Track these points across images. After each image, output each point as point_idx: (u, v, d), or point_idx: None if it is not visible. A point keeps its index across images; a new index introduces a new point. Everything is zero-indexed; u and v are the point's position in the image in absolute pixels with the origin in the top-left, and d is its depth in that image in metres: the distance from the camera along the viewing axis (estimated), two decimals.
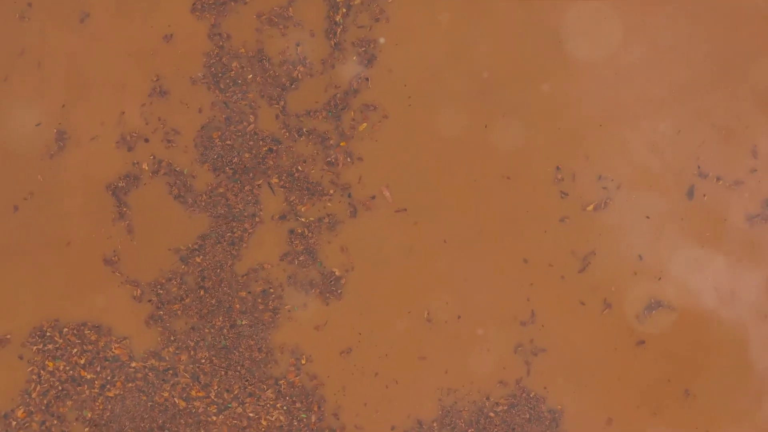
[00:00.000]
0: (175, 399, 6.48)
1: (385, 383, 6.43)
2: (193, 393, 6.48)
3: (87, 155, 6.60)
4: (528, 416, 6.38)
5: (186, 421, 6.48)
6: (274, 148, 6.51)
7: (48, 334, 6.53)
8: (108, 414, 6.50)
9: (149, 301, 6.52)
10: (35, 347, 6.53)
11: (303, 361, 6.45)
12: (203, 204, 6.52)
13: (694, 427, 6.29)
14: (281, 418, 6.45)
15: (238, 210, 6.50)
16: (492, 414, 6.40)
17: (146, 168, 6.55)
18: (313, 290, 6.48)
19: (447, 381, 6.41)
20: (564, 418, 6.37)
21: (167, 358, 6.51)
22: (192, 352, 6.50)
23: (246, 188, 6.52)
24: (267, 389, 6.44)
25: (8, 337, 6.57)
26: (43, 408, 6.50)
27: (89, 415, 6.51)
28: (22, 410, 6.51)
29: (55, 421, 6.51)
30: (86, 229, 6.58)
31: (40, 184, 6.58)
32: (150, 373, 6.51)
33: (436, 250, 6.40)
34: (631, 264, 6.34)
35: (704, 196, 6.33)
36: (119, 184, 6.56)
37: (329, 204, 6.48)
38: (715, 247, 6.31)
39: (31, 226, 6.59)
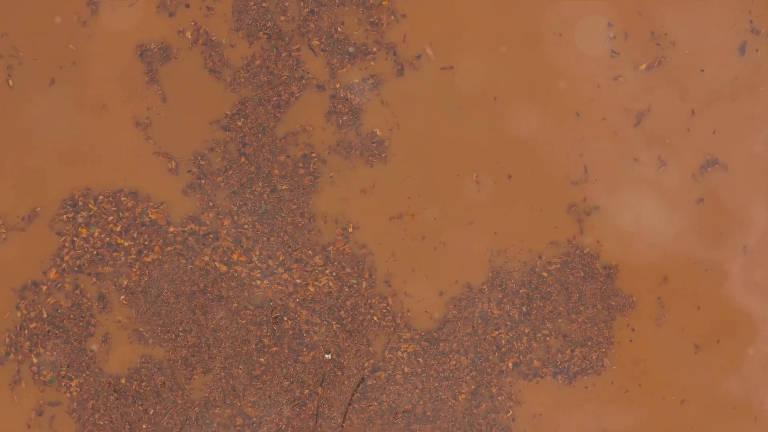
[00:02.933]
0: (216, 263, 6.25)
1: (434, 246, 6.23)
2: (235, 257, 6.24)
3: (124, 21, 6.40)
4: (582, 274, 6.20)
5: (228, 285, 6.24)
6: (316, 9, 6.34)
7: (80, 203, 6.29)
8: (146, 280, 6.25)
9: (189, 171, 6.30)
10: (66, 216, 6.28)
11: (350, 230, 6.25)
12: (242, 80, 6.32)
13: (751, 280, 6.14)
14: (330, 284, 6.23)
15: (284, 76, 6.31)
16: (545, 273, 6.22)
17: (189, 36, 6.36)
18: (357, 153, 6.29)
19: (497, 243, 6.23)
20: (619, 275, 6.19)
21: (207, 223, 6.28)
22: (235, 217, 6.27)
23: (283, 54, 6.34)
24: (314, 255, 6.22)
25: (38, 210, 6.32)
26: (76, 269, 6.24)
27: (125, 283, 6.25)
28: (54, 271, 6.25)
29: (93, 280, 6.25)
30: (121, 94, 6.36)
31: (76, 53, 6.37)
32: (190, 238, 6.27)
33: (485, 109, 6.24)
34: (684, 120, 6.21)
35: (757, 50, 6.22)
36: (154, 53, 6.35)
37: (373, 63, 6.31)
38: None
39: (67, 96, 6.36)
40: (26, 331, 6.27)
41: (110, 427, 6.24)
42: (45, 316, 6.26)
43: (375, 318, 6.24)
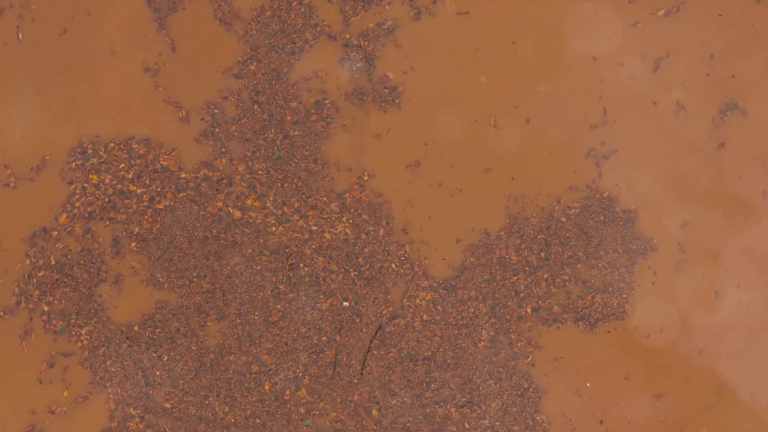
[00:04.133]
0: (230, 209, 6.14)
1: (450, 193, 6.15)
2: (249, 203, 6.14)
3: None
4: (602, 218, 6.13)
5: (243, 231, 6.13)
6: None
7: (90, 151, 6.18)
8: (157, 227, 6.13)
9: (202, 119, 6.20)
10: (74, 163, 6.17)
11: (365, 177, 6.16)
12: (254, 31, 6.24)
13: (765, 237, 6.11)
14: (347, 231, 6.14)
15: (298, 24, 6.23)
16: (564, 218, 6.15)
17: None
18: (370, 99, 6.21)
19: (514, 188, 6.15)
20: (639, 219, 6.13)
21: (221, 169, 6.18)
22: (249, 163, 6.17)
23: (294, 4, 6.25)
24: (330, 202, 6.13)
25: (47, 158, 6.21)
26: (87, 216, 6.12)
27: (136, 230, 6.14)
28: (65, 216, 6.12)
29: (106, 223, 6.13)
30: (131, 41, 6.26)
31: (90, 2, 6.27)
32: (203, 183, 6.16)
33: (502, 53, 6.18)
34: (703, 65, 6.17)
35: None
36: (162, 1, 6.26)
37: (388, 8, 6.24)
38: None
39: (79, 45, 6.26)
40: (34, 280, 6.14)
41: (122, 374, 6.11)
42: (53, 263, 6.13)
43: (393, 266, 6.15)
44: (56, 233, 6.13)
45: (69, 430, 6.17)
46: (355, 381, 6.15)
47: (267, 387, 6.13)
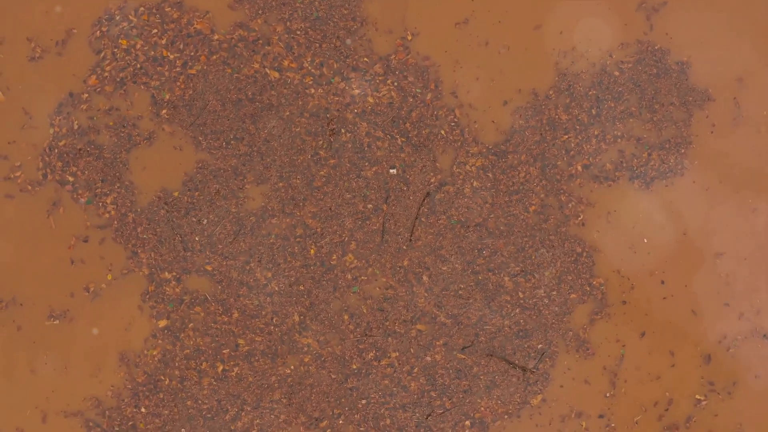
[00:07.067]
0: (267, 70, 5.86)
1: (497, 50, 5.91)
2: (286, 63, 5.87)
3: None
4: (655, 71, 5.92)
5: (280, 92, 5.85)
6: None
7: (117, 17, 5.89)
8: (190, 93, 5.84)
9: None
10: (100, 30, 5.87)
11: (408, 37, 5.92)
12: None
13: None
14: (392, 94, 5.87)
15: None
16: (617, 72, 5.92)
17: None
18: None
19: (563, 43, 5.93)
20: (692, 71, 5.92)
21: (256, 29, 5.90)
22: (287, 23, 5.91)
23: None
24: (374, 64, 5.87)
25: (74, 31, 5.91)
26: (118, 80, 5.82)
27: (167, 97, 5.84)
28: (94, 78, 5.81)
29: (140, 87, 5.83)
30: None
31: None
32: (239, 44, 5.88)
33: None
34: None
35: None
36: None
37: None
38: None
39: None
40: (56, 151, 5.81)
41: (156, 240, 5.77)
42: (76, 127, 5.80)
43: (442, 132, 5.88)
44: (86, 95, 5.82)
45: (107, 302, 5.82)
46: (404, 247, 5.85)
47: (312, 251, 5.81)
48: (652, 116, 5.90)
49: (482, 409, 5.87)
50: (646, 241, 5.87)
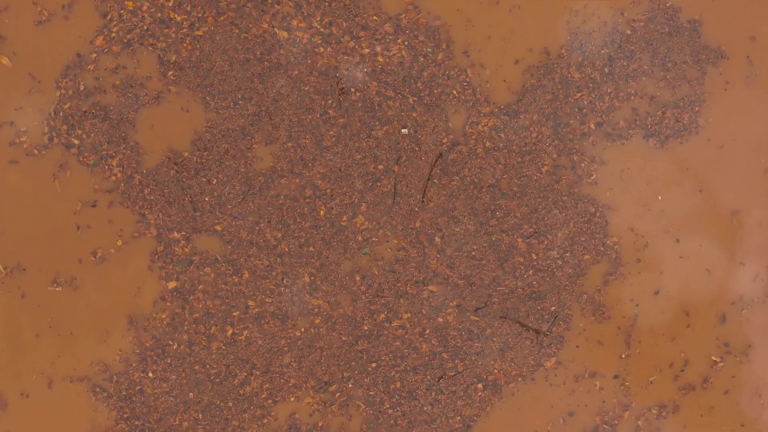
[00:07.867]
0: (275, 29, 5.79)
1: (509, 8, 5.85)
2: (295, 23, 5.79)
3: None
4: (667, 29, 5.85)
5: (288, 51, 5.77)
6: None
7: None
8: (197, 54, 5.76)
9: None
10: None
11: None
12: None
13: None
14: (403, 53, 5.79)
15: None
16: (629, 30, 5.85)
17: None
18: None
19: (574, 1, 5.86)
20: (704, 30, 5.86)
21: None
22: None
23: None
24: (383, 23, 5.80)
25: None
26: (125, 42, 5.74)
27: (173, 58, 5.76)
28: (101, 39, 5.74)
29: (148, 49, 5.74)
30: None
31: None
32: (248, 4, 5.81)
33: None
34: None
35: None
36: None
37: None
38: None
39: None
40: (61, 114, 5.73)
41: (164, 201, 5.69)
42: (82, 88, 5.72)
43: (454, 92, 5.81)
44: (94, 55, 5.74)
45: (115, 267, 5.73)
46: (416, 209, 5.77)
47: (322, 212, 5.73)
48: (666, 74, 5.84)
49: (495, 371, 5.79)
50: (660, 198, 5.80)
